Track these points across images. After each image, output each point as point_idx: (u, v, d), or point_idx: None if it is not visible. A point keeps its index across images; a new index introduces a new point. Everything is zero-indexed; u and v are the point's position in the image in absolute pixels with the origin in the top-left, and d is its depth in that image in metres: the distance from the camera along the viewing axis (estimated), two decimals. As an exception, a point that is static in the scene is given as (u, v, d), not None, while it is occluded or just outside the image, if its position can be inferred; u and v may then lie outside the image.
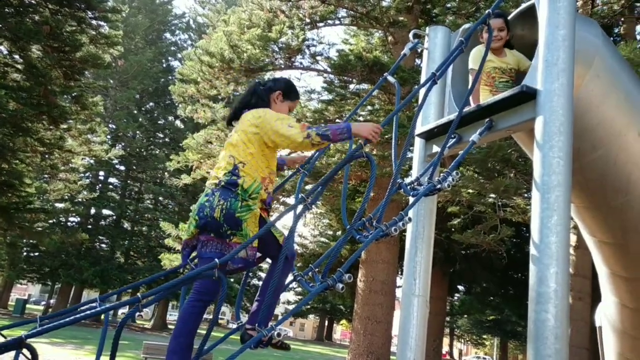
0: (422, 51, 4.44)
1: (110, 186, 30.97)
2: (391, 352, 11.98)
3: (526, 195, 9.91)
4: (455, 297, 28.07)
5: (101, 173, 29.97)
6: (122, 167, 30.83)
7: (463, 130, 3.67)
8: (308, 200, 2.92)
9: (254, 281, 31.05)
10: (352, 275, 2.77)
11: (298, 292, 35.28)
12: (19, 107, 11.81)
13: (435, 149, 3.95)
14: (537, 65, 3.23)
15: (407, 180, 3.65)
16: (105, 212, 29.97)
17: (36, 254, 28.68)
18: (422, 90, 3.59)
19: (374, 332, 11.54)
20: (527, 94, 3.20)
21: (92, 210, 29.16)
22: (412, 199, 3.24)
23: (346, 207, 3.67)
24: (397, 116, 3.54)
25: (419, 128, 3.99)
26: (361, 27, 13.54)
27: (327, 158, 10.74)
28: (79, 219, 29.25)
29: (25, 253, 28.43)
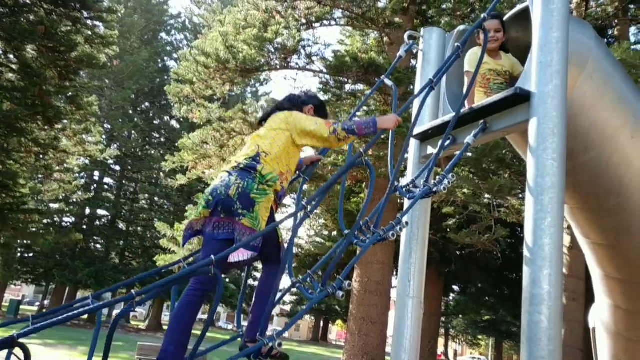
0: (417, 52, 4.45)
1: (106, 186, 30.88)
2: (386, 353, 12.00)
3: (521, 195, 9.95)
4: (450, 298, 28.12)
5: (96, 173, 29.89)
6: (118, 167, 30.74)
7: (458, 131, 3.69)
8: (308, 208, 2.92)
9: (249, 281, 31.04)
10: (347, 277, 2.78)
11: (293, 291, 35.22)
12: (14, 107, 11.77)
13: (430, 150, 3.96)
14: (531, 67, 3.25)
15: (403, 182, 3.66)
16: (100, 212, 29.87)
17: (30, 254, 28.56)
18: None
19: (369, 332, 11.56)
20: (521, 95, 3.22)
21: (87, 211, 29.06)
22: (407, 203, 3.25)
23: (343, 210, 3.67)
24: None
25: (414, 129, 4.01)
26: (357, 27, 13.55)
27: (324, 158, 10.73)
28: (73, 219, 29.15)
29: (19, 254, 28.30)
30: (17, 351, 2.15)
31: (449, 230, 12.08)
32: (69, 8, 11.99)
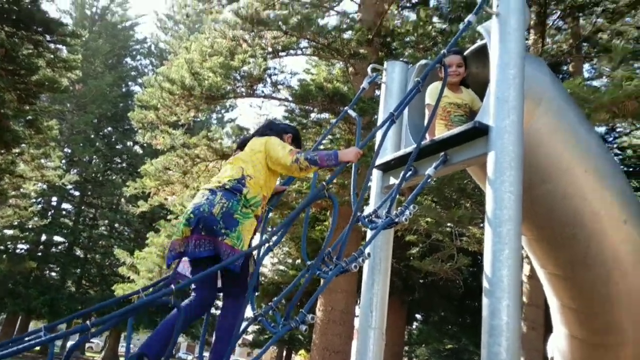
0: (381, 84, 4.55)
1: (64, 212, 29.97)
2: (349, 383, 11.86)
3: (482, 225, 10.12)
4: (413, 326, 28.13)
5: (54, 198, 29.03)
6: (77, 193, 29.94)
7: (419, 163, 3.75)
8: (271, 241, 2.90)
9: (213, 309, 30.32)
10: (311, 305, 2.76)
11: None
12: (-32, 130, 11.41)
13: (393, 180, 4.01)
14: (489, 102, 3.35)
15: (365, 211, 3.68)
16: (57, 238, 28.91)
17: (-20, 282, 27.31)
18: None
19: (333, 362, 11.42)
20: (480, 129, 3.31)
21: (43, 237, 28.10)
22: (370, 233, 3.27)
23: (306, 239, 3.66)
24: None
25: (377, 160, 4.06)
26: (323, 57, 13.74)
27: (289, 185, 10.72)
28: (28, 246, 28.12)
29: (-32, 281, 27.03)
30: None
31: (412, 258, 12.16)
32: (31, 31, 11.79)
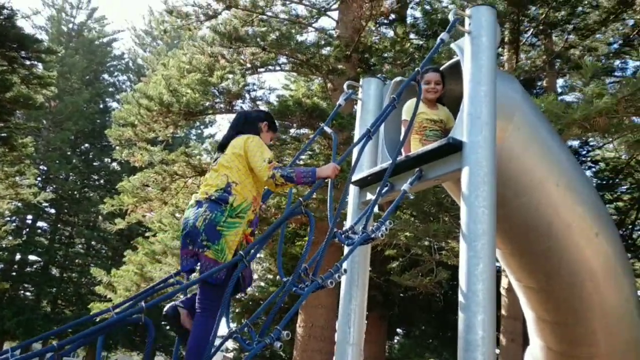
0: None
1: (39, 230, 29.37)
2: (331, 400, 11.76)
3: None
4: (395, 341, 28.05)
5: (29, 217, 28.46)
6: (53, 211, 29.39)
7: (395, 178, 3.79)
8: (246, 258, 2.90)
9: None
10: (291, 321, 2.76)
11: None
12: (-60, 147, 11.17)
13: (369, 196, 4.04)
14: (463, 119, 3.41)
15: (347, 225, 3.71)
16: (32, 257, 28.27)
17: (-48, 303, 26.55)
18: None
19: (313, 379, 11.32)
20: (454, 145, 3.36)
21: (17, 256, 27.48)
22: (347, 249, 3.28)
23: (285, 252, 3.67)
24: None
25: (353, 176, 4.09)
26: (301, 73, 13.83)
27: (266, 201, 10.70)
28: (2, 265, 27.47)
29: (-61, 302, 26.26)
30: None
31: (392, 272, 12.18)
32: (5, 47, 11.64)
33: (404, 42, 12.05)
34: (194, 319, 2.91)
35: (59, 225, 29.95)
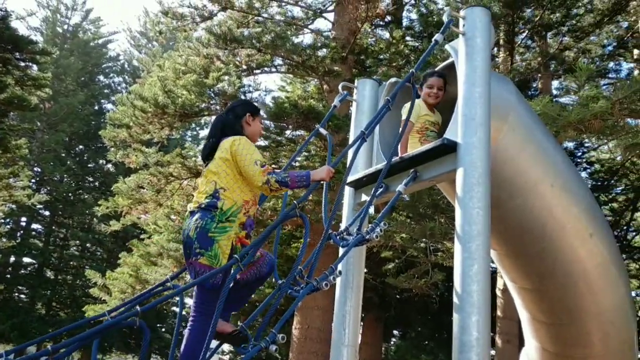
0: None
1: (33, 232, 29.23)
2: (327, 402, 11.73)
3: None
4: (391, 343, 28.03)
5: (23, 219, 28.33)
6: (47, 213, 29.26)
7: (390, 180, 3.79)
8: (241, 262, 2.89)
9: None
10: (287, 323, 2.76)
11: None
12: None
13: (364, 197, 4.04)
14: (457, 120, 3.41)
15: (342, 226, 3.70)
16: (26, 260, 28.14)
17: (-55, 306, 26.37)
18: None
19: (309, 381, 11.30)
20: (448, 146, 3.36)
21: (12, 259, 27.34)
22: (341, 251, 3.27)
23: (281, 254, 3.66)
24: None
25: (348, 177, 4.08)
26: (297, 75, 13.82)
27: (264, 203, 10.68)
28: (-4, 268, 27.31)
29: None
30: None
31: (387, 274, 12.17)
32: (-1, 49, 11.61)
33: (400, 44, 12.06)
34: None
35: (53, 227, 29.84)
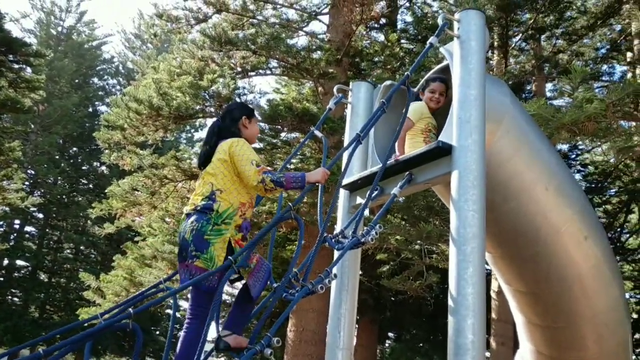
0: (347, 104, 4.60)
1: (27, 235, 29.07)
2: (322, 405, 11.70)
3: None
4: (386, 345, 28.02)
5: (16, 221, 28.16)
6: (41, 215, 29.11)
7: (385, 182, 3.79)
8: (234, 264, 2.88)
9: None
10: (282, 325, 2.75)
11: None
12: None
13: (359, 200, 4.03)
14: (452, 122, 3.42)
15: (337, 229, 3.70)
16: (20, 262, 27.97)
17: (-63, 310, 26.16)
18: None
19: (304, 384, 11.27)
20: (443, 149, 3.37)
21: (5, 262, 27.18)
22: (337, 254, 3.27)
23: (276, 256, 3.65)
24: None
25: (343, 180, 4.08)
26: (292, 77, 13.82)
27: (259, 206, 10.67)
28: (-12, 271, 27.13)
29: None
30: None
31: (383, 277, 12.16)
32: (-8, 51, 11.55)
33: (394, 47, 12.08)
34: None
35: (47, 229, 29.70)
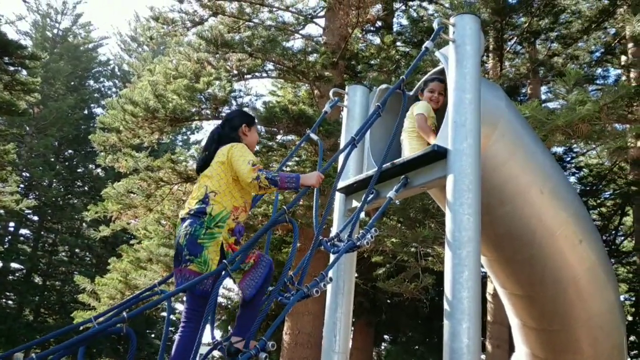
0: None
1: (22, 238, 28.94)
2: (318, 408, 11.69)
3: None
4: (382, 347, 27.99)
5: (11, 224, 28.04)
6: (36, 218, 28.99)
7: (381, 185, 3.79)
8: (229, 267, 2.87)
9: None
10: (277, 328, 2.75)
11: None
12: None
13: (355, 203, 4.04)
14: (447, 126, 3.43)
15: (333, 232, 3.70)
16: (14, 265, 27.83)
17: None
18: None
19: (300, 387, 11.25)
20: (439, 152, 3.37)
21: None
22: (332, 257, 3.27)
23: (272, 259, 3.64)
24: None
25: (339, 183, 4.08)
26: (288, 80, 13.82)
27: (255, 209, 10.65)
28: (-18, 274, 26.97)
29: None
30: None
31: (378, 279, 12.16)
32: (-13, 53, 11.51)
33: (390, 49, 12.11)
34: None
35: (42, 232, 29.59)
